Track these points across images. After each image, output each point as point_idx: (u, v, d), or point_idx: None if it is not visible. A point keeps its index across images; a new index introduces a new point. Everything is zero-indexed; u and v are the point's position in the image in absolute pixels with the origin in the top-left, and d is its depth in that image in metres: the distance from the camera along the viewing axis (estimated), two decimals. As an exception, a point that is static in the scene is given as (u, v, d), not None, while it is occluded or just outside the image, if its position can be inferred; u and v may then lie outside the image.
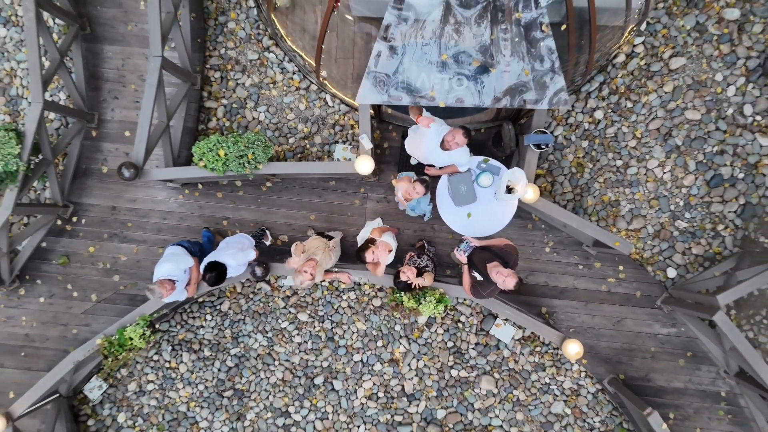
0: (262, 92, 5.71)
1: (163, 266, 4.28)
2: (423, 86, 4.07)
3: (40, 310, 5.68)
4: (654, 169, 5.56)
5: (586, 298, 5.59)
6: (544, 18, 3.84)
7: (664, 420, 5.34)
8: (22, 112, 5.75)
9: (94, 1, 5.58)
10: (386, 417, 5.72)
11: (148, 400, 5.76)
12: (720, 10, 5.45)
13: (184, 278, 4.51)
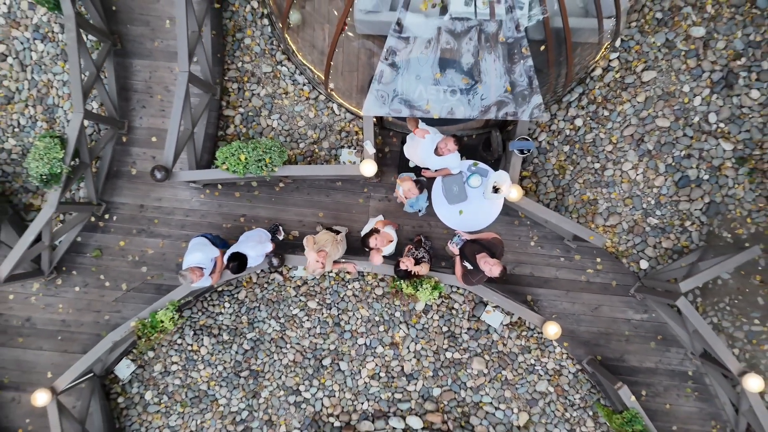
0: (276, 102, 6.32)
1: (193, 255, 4.89)
2: (420, 100, 4.69)
3: (76, 298, 6.30)
4: (628, 171, 6.18)
5: (567, 287, 6.21)
6: (523, 42, 4.44)
7: (637, 397, 6.00)
8: (58, 119, 6.37)
9: (124, 19, 6.20)
10: (387, 395, 6.34)
11: (172, 379, 6.38)
12: (687, 28, 6.06)
13: (210, 266, 5.12)
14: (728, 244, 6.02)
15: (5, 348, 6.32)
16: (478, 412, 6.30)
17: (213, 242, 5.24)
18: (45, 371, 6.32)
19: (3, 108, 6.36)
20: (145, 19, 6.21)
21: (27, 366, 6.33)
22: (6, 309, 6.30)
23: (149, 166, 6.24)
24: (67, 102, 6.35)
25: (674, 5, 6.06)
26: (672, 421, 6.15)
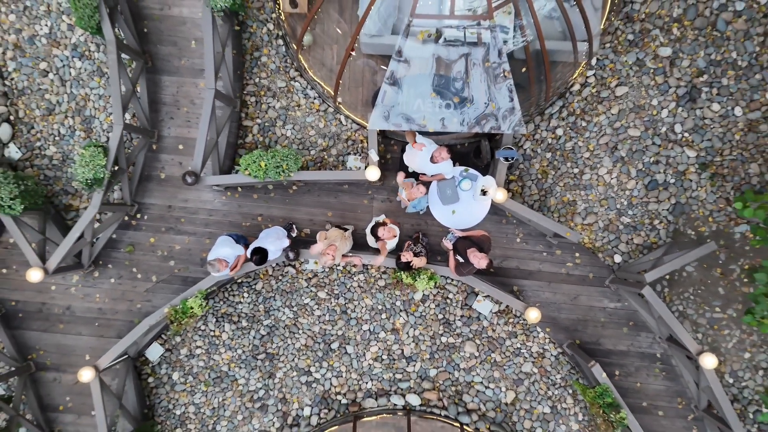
0: (289, 113, 7.08)
1: (223, 249, 5.64)
2: (417, 116, 5.44)
3: (111, 289, 7.05)
4: (603, 176, 6.93)
5: (549, 279, 6.97)
6: (506, 66, 5.20)
7: (611, 376, 6.76)
8: (95, 129, 7.12)
9: (155, 40, 6.95)
10: (389, 375, 7.10)
11: (196, 361, 7.14)
12: (655, 48, 6.82)
13: (232, 262, 5.87)
14: (692, 241, 6.78)
15: (48, 333, 7.07)
16: (470, 391, 7.06)
17: (236, 241, 5.99)
18: (83, 354, 7.07)
19: (45, 119, 7.11)
20: (173, 39, 6.96)
21: (67, 349, 7.09)
22: (48, 299, 7.06)
23: (176, 171, 7.00)
24: (102, 113, 7.11)
25: (644, 28, 6.81)
26: (642, 398, 6.91)
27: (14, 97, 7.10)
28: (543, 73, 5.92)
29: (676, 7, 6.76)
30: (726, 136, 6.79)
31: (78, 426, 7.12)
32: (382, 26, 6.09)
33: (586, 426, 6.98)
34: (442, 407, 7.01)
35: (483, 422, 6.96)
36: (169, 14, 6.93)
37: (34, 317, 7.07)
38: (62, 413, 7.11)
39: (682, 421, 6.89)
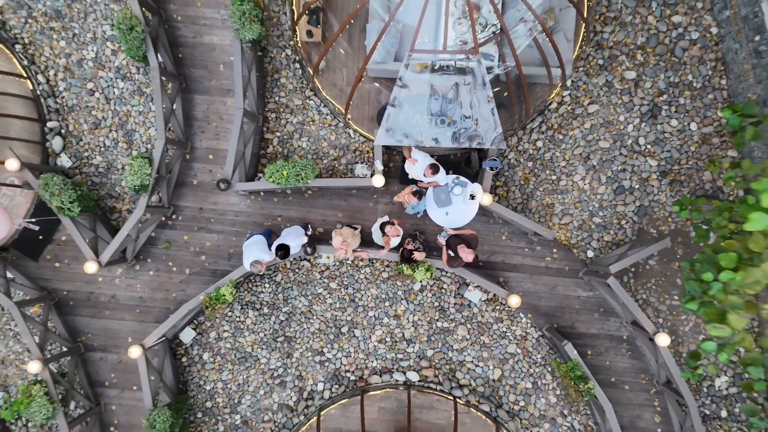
0: (305, 127, 8.13)
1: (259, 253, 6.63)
2: (416, 133, 6.50)
3: (150, 280, 8.11)
4: (578, 182, 7.99)
5: (530, 271, 8.03)
6: (489, 92, 6.25)
7: (583, 356, 7.82)
8: (135, 141, 8.17)
9: (189, 64, 8.01)
10: (392, 355, 8.16)
11: (224, 344, 8.20)
12: (622, 72, 7.87)
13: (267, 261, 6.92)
14: (654, 238, 7.83)
15: (95, 319, 8.14)
16: (462, 369, 8.12)
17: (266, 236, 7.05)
18: (126, 337, 8.14)
19: (92, 132, 8.17)
20: (204, 63, 8.02)
21: (112, 333, 8.15)
22: (96, 288, 8.12)
23: (207, 177, 8.06)
24: (142, 127, 8.16)
25: (612, 54, 7.87)
26: (611, 375, 7.97)
27: (65, 113, 8.15)
28: (522, 95, 6.99)
29: (640, 36, 7.82)
30: (683, 148, 7.85)
31: (121, 399, 8.19)
32: (386, 54, 7.16)
33: (562, 399, 8.04)
34: (438, 383, 8.07)
35: (473, 396, 8.03)
36: (201, 42, 7.99)
37: (84, 305, 8.13)
38: (107, 388, 8.17)
39: (646, 394, 7.95)
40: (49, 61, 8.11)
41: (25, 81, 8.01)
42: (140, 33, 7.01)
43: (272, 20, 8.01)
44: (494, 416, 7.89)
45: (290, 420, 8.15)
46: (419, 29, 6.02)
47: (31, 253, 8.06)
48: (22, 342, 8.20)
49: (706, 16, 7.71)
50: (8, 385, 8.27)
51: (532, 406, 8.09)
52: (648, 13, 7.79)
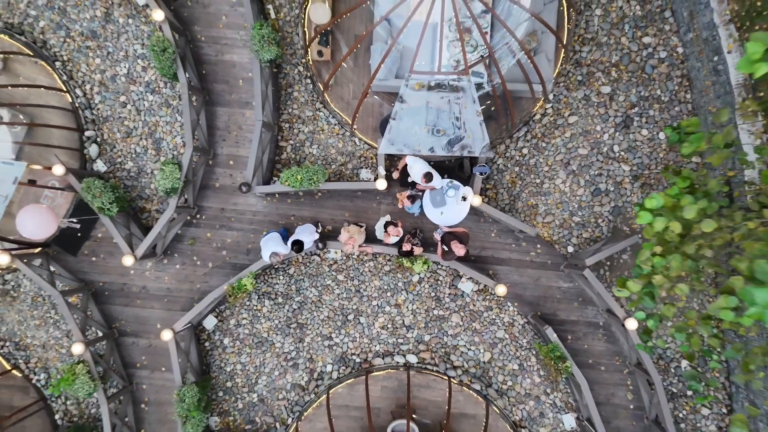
0: (315, 136, 9.08)
1: (276, 246, 7.60)
2: (414, 143, 7.44)
3: (177, 273, 9.06)
4: (559, 185, 8.94)
5: (517, 264, 8.97)
6: (478, 107, 7.19)
7: (564, 340, 8.75)
8: (163, 148, 9.11)
9: (211, 80, 8.95)
10: (393, 340, 9.11)
11: (242, 330, 9.14)
12: (598, 87, 8.82)
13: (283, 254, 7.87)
14: (627, 235, 8.78)
15: (128, 307, 9.09)
16: (456, 352, 9.07)
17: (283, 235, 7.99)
18: (155, 323, 9.08)
19: (124, 140, 9.12)
20: (225, 79, 8.96)
21: (142, 320, 9.10)
22: (128, 280, 9.07)
23: (228, 181, 9.00)
24: (168, 136, 9.10)
25: (590, 71, 8.82)
26: (589, 357, 8.92)
27: (100, 123, 9.10)
28: (508, 109, 7.94)
29: (614, 55, 8.77)
30: (653, 155, 8.80)
31: (151, 379, 9.13)
32: (387, 72, 8.11)
33: (545, 378, 8.99)
34: (434, 364, 9.02)
35: (466, 376, 8.98)
36: (222, 59, 8.94)
37: (117, 295, 9.08)
38: (139, 369, 9.12)
39: (619, 374, 8.90)
40: (85, 77, 9.06)
41: (64, 94, 8.95)
42: (171, 54, 7.96)
43: (286, 40, 8.95)
44: (484, 394, 8.84)
45: (302, 398, 9.10)
46: (417, 53, 6.97)
47: (71, 249, 9.01)
48: (60, 329, 9.15)
49: (673, 37, 8.66)
50: (49, 367, 9.22)
51: (518, 386, 9.04)
52: (621, 35, 8.74)
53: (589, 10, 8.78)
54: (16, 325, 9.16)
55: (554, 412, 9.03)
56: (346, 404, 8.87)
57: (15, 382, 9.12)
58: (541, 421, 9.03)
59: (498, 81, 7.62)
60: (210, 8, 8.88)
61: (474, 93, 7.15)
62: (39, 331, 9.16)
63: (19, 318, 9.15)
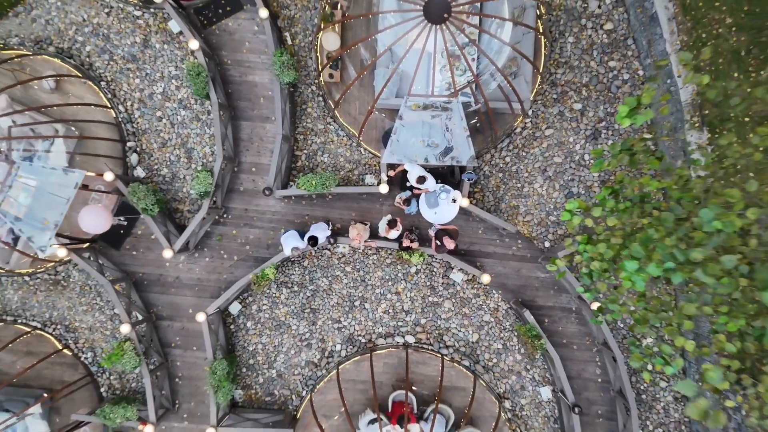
0: (326, 146, 10.46)
1: (294, 242, 8.99)
2: (411, 154, 8.83)
3: (206, 265, 10.45)
4: (537, 189, 10.32)
5: (500, 257, 10.36)
6: (464, 124, 8.57)
7: (541, 323, 10.13)
8: (194, 157, 10.49)
9: (236, 97, 10.34)
10: (393, 323, 10.50)
11: (263, 314, 10.53)
12: (571, 104, 10.21)
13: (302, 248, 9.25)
14: (595, 232, 10.15)
15: (164, 295, 10.47)
16: (448, 333, 10.47)
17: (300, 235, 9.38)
18: (187, 309, 10.47)
19: (160, 150, 10.50)
20: (248, 97, 10.36)
21: (176, 306, 10.48)
22: (164, 271, 10.46)
23: (251, 185, 10.39)
24: (198, 146, 10.49)
25: (563, 90, 10.21)
26: (563, 338, 10.31)
27: (140, 135, 10.48)
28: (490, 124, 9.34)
29: (585, 77, 10.16)
30: (618, 163, 10.17)
31: (184, 357, 10.52)
32: (389, 93, 9.50)
33: (525, 356, 10.39)
34: (429, 344, 10.42)
35: (456, 354, 10.37)
36: (246, 80, 10.33)
37: (154, 284, 10.48)
38: (173, 348, 10.51)
39: (589, 352, 10.30)
40: (127, 95, 10.45)
41: (109, 110, 10.34)
42: (204, 77, 9.36)
43: (300, 63, 10.34)
44: (473, 370, 10.24)
45: (315, 373, 10.50)
46: (414, 78, 8.36)
47: (114, 244, 10.40)
48: (105, 313, 10.53)
49: (635, 62, 10.05)
50: (95, 347, 10.61)
51: (502, 362, 10.44)
52: (591, 59, 10.14)
53: (563, 38, 10.18)
54: (66, 311, 10.55)
55: (533, 386, 10.43)
56: (353, 378, 10.26)
57: (66, 359, 10.50)
58: (522, 393, 10.43)
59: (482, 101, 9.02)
60: (235, 35, 10.28)
61: (461, 112, 8.55)
62: (86, 315, 10.55)
63: (69, 304, 10.54)
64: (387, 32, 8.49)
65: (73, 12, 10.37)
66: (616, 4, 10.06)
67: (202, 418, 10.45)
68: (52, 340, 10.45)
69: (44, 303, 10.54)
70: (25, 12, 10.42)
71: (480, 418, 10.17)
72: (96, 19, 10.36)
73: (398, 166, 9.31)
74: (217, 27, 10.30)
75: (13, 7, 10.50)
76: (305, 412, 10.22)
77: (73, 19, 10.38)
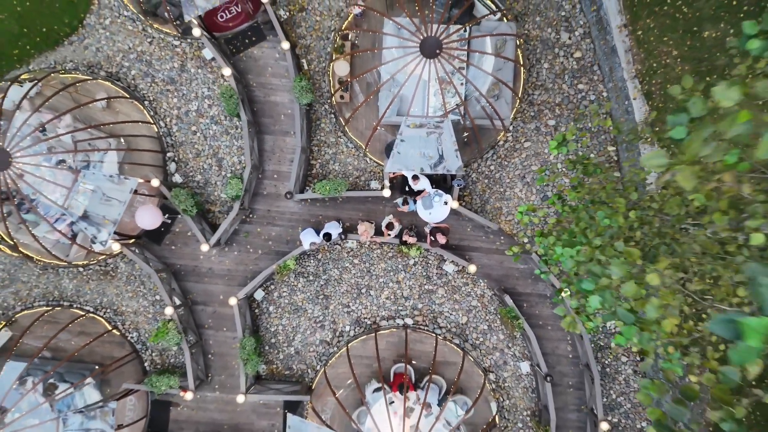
0: (337, 156, 12.24)
1: (312, 237, 10.77)
2: (410, 164, 10.62)
3: (235, 257, 12.22)
4: (518, 192, 12.10)
5: (486, 251, 12.14)
6: (454, 140, 10.34)
7: (521, 308, 11.93)
8: (224, 165, 12.26)
9: (260, 114, 12.11)
10: (395, 307, 12.28)
11: (283, 300, 12.30)
12: (546, 120, 11.98)
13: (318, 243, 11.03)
14: (567, 230, 11.93)
15: (198, 283, 12.24)
16: (441, 316, 12.25)
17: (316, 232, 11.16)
18: (219, 296, 12.24)
19: (195, 159, 12.26)
20: (271, 114, 12.12)
21: (209, 293, 12.26)
22: (199, 263, 12.23)
23: (273, 189, 12.16)
24: (228, 156, 12.26)
25: (539, 109, 11.98)
26: (539, 320, 12.08)
27: (177, 146, 12.25)
28: (476, 139, 11.12)
29: (558, 97, 11.94)
30: (586, 170, 11.96)
31: (216, 337, 12.29)
32: (391, 112, 11.27)
33: (507, 336, 12.16)
34: (425, 325, 12.19)
35: (449, 334, 12.15)
36: (268, 100, 12.10)
37: (190, 274, 12.25)
38: (206, 329, 12.29)
39: (562, 332, 12.07)
40: (166, 112, 12.22)
41: (152, 125, 12.11)
42: (236, 99, 11.13)
43: (315, 85, 12.12)
44: (462, 347, 12.02)
45: (327, 350, 12.28)
46: (412, 102, 10.14)
47: (156, 240, 12.17)
48: (147, 299, 12.30)
49: (599, 85, 11.83)
50: (139, 328, 12.37)
51: (488, 341, 12.22)
52: (563, 83, 11.92)
53: (539, 64, 11.96)
54: (114, 297, 12.32)
55: (514, 361, 12.21)
56: (360, 355, 12.03)
57: (114, 339, 12.27)
58: (504, 367, 12.22)
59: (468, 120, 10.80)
60: (260, 61, 12.06)
61: (451, 130, 10.34)
62: (131, 301, 12.32)
63: (116, 291, 12.31)
64: (389, 63, 10.28)
65: (120, 41, 12.14)
66: (584, 36, 11.84)
67: (232, 388, 12.22)
68: (102, 322, 12.22)
69: (95, 290, 12.32)
70: (78, 41, 12.19)
71: (468, 388, 11.95)
72: (140, 47, 12.13)
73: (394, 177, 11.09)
74: (243, 54, 12.08)
75: (69, 36, 12.27)
76: (319, 383, 12.00)
77: (120, 47, 12.15)
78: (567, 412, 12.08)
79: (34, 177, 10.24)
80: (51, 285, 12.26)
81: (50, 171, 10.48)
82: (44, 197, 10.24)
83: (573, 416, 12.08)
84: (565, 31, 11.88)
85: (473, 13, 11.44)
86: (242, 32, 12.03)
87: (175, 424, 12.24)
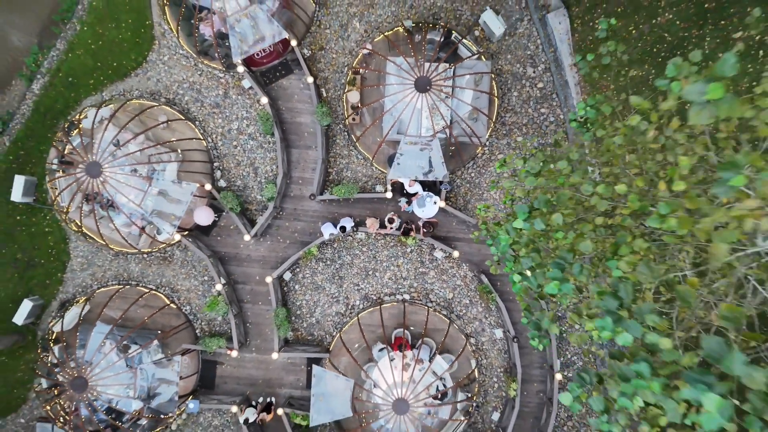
0: (350, 165, 15.34)
1: (331, 230, 13.89)
2: (409, 173, 13.73)
3: (268, 246, 15.34)
4: (493, 194, 15.20)
5: (468, 241, 15.24)
6: (440, 153, 13.44)
7: (494, 285, 15.07)
8: (259, 173, 15.36)
9: (288, 132, 15.23)
10: (395, 286, 15.40)
11: (306, 280, 15.41)
12: (515, 137, 15.08)
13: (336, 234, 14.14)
14: (532, 224, 15.07)
15: (239, 267, 15.36)
16: (432, 293, 15.38)
17: (334, 225, 14.28)
18: (255, 276, 15.36)
19: (236, 168, 15.37)
20: (297, 132, 15.22)
21: (247, 274, 15.37)
22: (239, 251, 15.34)
23: (298, 192, 15.26)
24: (263, 165, 15.35)
25: (510, 128, 15.08)
26: (510, 295, 15.18)
27: (222, 158, 15.36)
28: (457, 153, 14.25)
29: (525, 119, 15.05)
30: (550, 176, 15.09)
31: (253, 309, 15.41)
32: (392, 132, 14.40)
33: (484, 309, 15.26)
34: (419, 300, 15.31)
35: (438, 306, 15.28)
36: (295, 121, 15.22)
37: (233, 259, 15.36)
38: (245, 303, 15.41)
39: (528, 305, 15.17)
40: (213, 130, 15.33)
41: (201, 141, 15.22)
42: (271, 122, 14.26)
43: (332, 109, 15.24)
44: (448, 317, 15.14)
45: (342, 320, 15.41)
46: (409, 125, 13.25)
47: (205, 232, 15.29)
48: (198, 279, 15.40)
49: (558, 109, 14.95)
50: (191, 302, 15.48)
51: (469, 312, 15.34)
52: (529, 107, 15.03)
53: (510, 92, 15.08)
54: (171, 278, 15.44)
55: (490, 328, 15.33)
56: (368, 323, 15.15)
57: (172, 311, 15.38)
58: (482, 333, 15.34)
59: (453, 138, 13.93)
60: (288, 90, 15.18)
61: (438, 146, 13.46)
62: (185, 281, 15.43)
63: (173, 273, 15.43)
64: (391, 96, 13.39)
65: (176, 73, 15.24)
66: (545, 71, 14.96)
67: (266, 350, 15.34)
68: (162, 297, 15.34)
69: (156, 272, 15.43)
70: (142, 73, 15.29)
71: (453, 350, 15.08)
72: (192, 78, 15.24)
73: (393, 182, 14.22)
74: (275, 84, 15.20)
75: (135, 69, 15.37)
76: (336, 346, 15.14)
77: (176, 78, 15.25)
78: (532, 369, 15.22)
79: (117, 182, 13.37)
80: (121, 268, 15.39)
81: (127, 177, 13.60)
82: (124, 197, 13.36)
83: (537, 372, 15.22)
84: (530, 66, 15.00)
85: (457, 53, 14.55)
86: (274, 67, 15.14)
87: (220, 379, 15.37)
